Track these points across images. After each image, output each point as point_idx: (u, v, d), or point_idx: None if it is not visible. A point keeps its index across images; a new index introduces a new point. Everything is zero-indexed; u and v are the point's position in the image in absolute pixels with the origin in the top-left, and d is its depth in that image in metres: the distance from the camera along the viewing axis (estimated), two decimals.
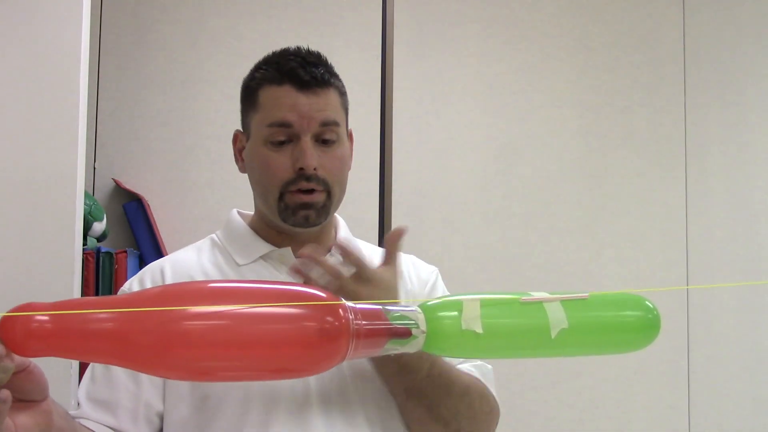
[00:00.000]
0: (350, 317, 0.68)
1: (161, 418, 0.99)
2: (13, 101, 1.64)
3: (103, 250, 1.98)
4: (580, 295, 0.81)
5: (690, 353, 2.64)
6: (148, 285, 1.04)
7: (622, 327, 0.85)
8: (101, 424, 0.95)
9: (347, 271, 0.92)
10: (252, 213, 1.16)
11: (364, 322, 0.70)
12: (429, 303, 0.79)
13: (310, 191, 1.04)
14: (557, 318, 0.78)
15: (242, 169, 1.13)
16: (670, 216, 2.68)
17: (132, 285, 1.06)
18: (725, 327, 2.66)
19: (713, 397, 2.64)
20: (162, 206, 2.27)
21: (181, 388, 0.97)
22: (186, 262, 1.08)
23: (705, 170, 2.71)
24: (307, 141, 1.04)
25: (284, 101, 1.05)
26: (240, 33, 2.37)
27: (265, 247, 1.08)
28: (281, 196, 1.04)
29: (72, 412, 0.95)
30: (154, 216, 2.23)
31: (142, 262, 2.18)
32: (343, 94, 1.11)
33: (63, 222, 1.64)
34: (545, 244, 2.57)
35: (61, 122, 1.65)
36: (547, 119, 2.61)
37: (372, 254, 1.15)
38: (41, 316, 0.59)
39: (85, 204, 1.84)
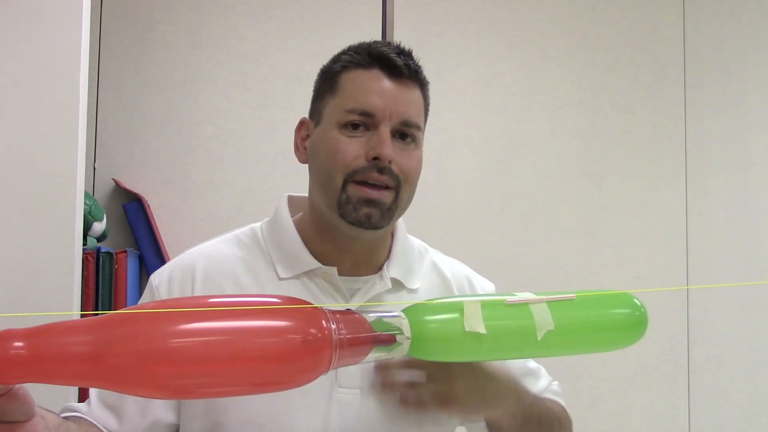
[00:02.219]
0: (333, 327, 0.67)
1: (173, 428, 0.97)
2: (13, 101, 1.64)
3: (103, 250, 1.98)
4: (566, 296, 0.81)
5: (690, 353, 2.64)
6: (176, 287, 0.97)
7: (609, 325, 0.84)
8: (105, 427, 0.94)
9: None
10: (304, 199, 1.05)
11: (346, 332, 0.68)
12: (412, 307, 0.78)
13: (378, 187, 0.93)
14: (543, 319, 0.77)
15: (302, 159, 1.02)
16: (670, 216, 2.68)
17: (161, 281, 0.99)
18: (725, 327, 2.66)
19: (713, 397, 2.64)
20: (162, 206, 2.27)
21: (197, 408, 0.94)
22: (223, 263, 0.99)
23: (705, 170, 2.71)
24: (387, 131, 0.93)
25: (371, 85, 0.94)
26: (240, 33, 2.37)
27: (310, 263, 0.98)
28: (344, 186, 0.93)
29: (79, 406, 0.95)
30: (154, 216, 2.23)
31: (142, 262, 2.18)
32: (427, 99, 1.01)
33: (63, 222, 1.63)
34: (545, 244, 2.57)
35: (61, 122, 1.65)
36: (547, 119, 2.61)
37: (433, 262, 1.09)
38: (18, 343, 0.58)
39: (85, 204, 1.84)
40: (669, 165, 2.70)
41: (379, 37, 2.42)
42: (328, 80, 0.99)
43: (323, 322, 0.67)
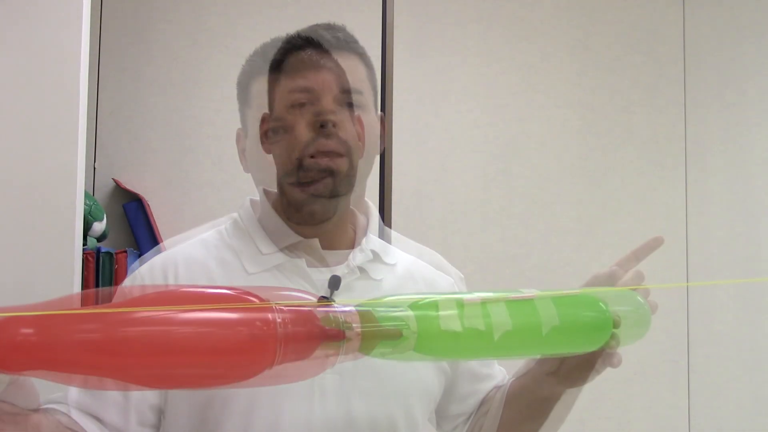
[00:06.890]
0: (278, 321, 0.65)
1: (158, 411, 0.95)
2: (13, 101, 1.64)
3: (103, 250, 1.98)
4: (526, 294, 0.81)
5: (690, 353, 2.64)
6: (160, 282, 0.97)
7: (573, 326, 0.85)
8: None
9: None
10: (262, 201, 1.06)
11: (292, 326, 0.67)
12: (420, 302, 0.77)
13: (330, 155, 0.93)
14: (548, 315, 0.78)
15: (245, 168, 1.05)
16: (670, 216, 2.68)
17: (143, 278, 0.98)
18: (725, 327, 2.66)
19: (713, 397, 2.64)
20: (162, 206, 2.27)
21: (181, 406, 0.92)
22: (196, 260, 1.00)
23: (705, 170, 2.71)
24: (329, 99, 0.94)
25: (307, 63, 0.97)
26: (240, 33, 2.37)
27: (293, 236, 0.99)
28: (301, 164, 0.93)
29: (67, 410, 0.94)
30: (154, 216, 2.23)
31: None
32: (369, 67, 1.04)
33: (63, 222, 1.63)
34: (545, 244, 2.57)
35: (61, 122, 1.65)
36: (547, 119, 2.61)
37: (400, 245, 1.11)
38: (26, 329, 0.57)
39: (85, 204, 1.84)
40: (669, 165, 2.70)
41: (379, 37, 2.42)
42: (271, 73, 1.01)
43: (269, 315, 0.65)
